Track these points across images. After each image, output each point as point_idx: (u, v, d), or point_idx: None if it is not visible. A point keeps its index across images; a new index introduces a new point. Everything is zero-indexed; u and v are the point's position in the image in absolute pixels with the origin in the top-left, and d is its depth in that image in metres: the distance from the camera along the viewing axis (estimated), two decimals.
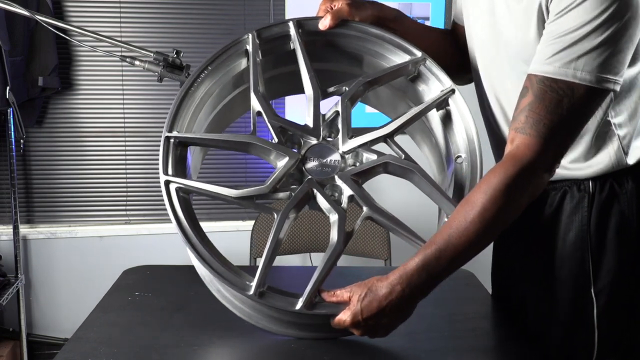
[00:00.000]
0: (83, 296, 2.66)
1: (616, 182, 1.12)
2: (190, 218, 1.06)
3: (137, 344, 1.10)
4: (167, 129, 1.10)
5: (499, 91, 1.18)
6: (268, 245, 1.05)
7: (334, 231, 1.07)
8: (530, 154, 1.00)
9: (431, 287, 1.02)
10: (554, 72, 0.99)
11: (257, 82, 1.14)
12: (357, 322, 1.01)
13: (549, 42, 1.00)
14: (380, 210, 1.09)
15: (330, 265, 1.05)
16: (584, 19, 0.96)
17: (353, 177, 1.11)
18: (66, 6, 2.69)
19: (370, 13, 1.21)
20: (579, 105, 1.00)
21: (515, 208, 1.03)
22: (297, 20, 1.19)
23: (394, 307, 1.00)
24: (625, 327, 1.15)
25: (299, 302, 1.02)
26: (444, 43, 1.33)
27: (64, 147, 2.80)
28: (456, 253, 1.00)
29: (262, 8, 2.82)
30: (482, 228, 0.99)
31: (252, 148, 1.12)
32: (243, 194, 1.07)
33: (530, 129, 1.00)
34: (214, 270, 1.02)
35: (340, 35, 1.20)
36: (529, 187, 1.02)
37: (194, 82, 1.14)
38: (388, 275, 1.01)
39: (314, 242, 2.46)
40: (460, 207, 1.02)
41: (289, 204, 1.07)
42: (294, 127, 1.13)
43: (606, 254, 1.12)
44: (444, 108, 1.19)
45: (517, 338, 1.19)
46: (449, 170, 1.19)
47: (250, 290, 1.02)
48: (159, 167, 1.08)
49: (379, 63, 1.23)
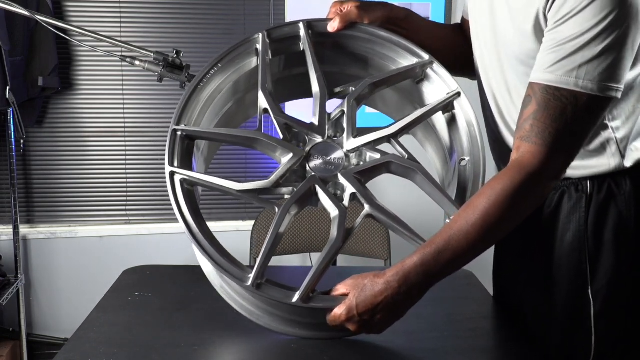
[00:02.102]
0: (83, 296, 2.66)
1: (614, 182, 1.12)
2: (193, 210, 1.07)
3: (137, 344, 1.10)
4: (174, 122, 1.11)
5: (496, 92, 1.18)
6: (268, 238, 1.05)
7: (334, 227, 1.07)
8: (536, 163, 1.00)
9: (428, 286, 1.02)
10: (556, 80, 0.99)
11: (265, 80, 1.15)
12: (352, 316, 1.01)
13: (549, 50, 1.00)
14: (382, 209, 1.09)
15: (328, 261, 1.05)
16: (584, 27, 0.96)
17: (356, 175, 1.11)
18: (66, 6, 2.69)
19: (380, 14, 1.21)
20: (583, 113, 0.99)
21: (517, 215, 1.03)
22: (308, 21, 1.20)
23: (389, 304, 1.00)
24: (623, 328, 1.15)
25: (295, 295, 1.02)
26: (455, 38, 1.33)
27: (64, 147, 2.80)
28: (455, 255, 1.00)
29: (262, 8, 2.82)
30: (483, 233, 0.99)
31: (258, 144, 1.13)
32: (246, 187, 1.08)
33: (536, 138, 1.00)
34: (214, 262, 1.03)
35: (349, 37, 1.21)
36: (533, 195, 1.02)
37: (204, 78, 1.15)
38: (385, 271, 1.01)
39: (314, 242, 2.46)
40: (462, 210, 1.02)
41: (290, 199, 1.08)
42: (300, 125, 1.14)
43: (603, 254, 1.12)
44: (450, 111, 1.20)
45: (517, 338, 1.19)
46: (451, 171, 1.20)
47: (248, 281, 1.02)
48: (165, 158, 1.08)
49: (386, 65, 1.24)
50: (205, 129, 1.16)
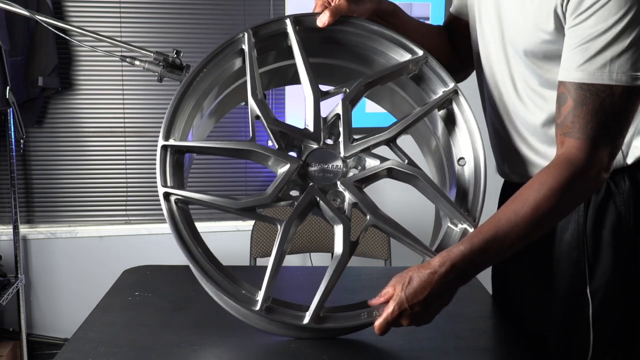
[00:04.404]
0: (83, 296, 2.67)
1: (613, 182, 1.12)
2: (191, 230, 1.05)
3: (137, 344, 1.10)
4: (163, 137, 1.06)
5: (501, 87, 1.17)
6: (272, 258, 1.04)
7: (338, 242, 1.06)
8: (582, 156, 1.00)
9: (473, 274, 1.03)
10: (589, 78, 0.99)
11: (254, 86, 1.11)
12: (404, 310, 1.01)
13: (576, 47, 0.99)
14: (385, 218, 1.08)
15: (336, 278, 1.05)
16: (609, 22, 0.96)
17: (356, 184, 1.10)
18: (66, 6, 2.69)
19: (368, 7, 1.19)
20: (621, 104, 0.99)
21: (566, 209, 1.04)
22: (295, 16, 1.15)
23: (437, 292, 1.00)
24: (620, 328, 1.15)
25: (306, 317, 1.02)
26: (437, 39, 1.32)
27: (64, 147, 2.80)
28: (502, 246, 1.00)
29: (262, 8, 2.82)
30: (532, 225, 1.00)
31: (252, 155, 1.10)
32: (244, 204, 1.05)
33: (579, 133, 1.00)
34: (220, 287, 1.02)
35: (340, 32, 1.17)
36: (582, 188, 1.02)
37: (189, 87, 1.10)
38: (430, 261, 1.02)
39: (314, 242, 2.46)
40: (510, 202, 1.02)
41: (292, 215, 1.06)
42: (294, 132, 1.11)
43: (602, 254, 1.12)
44: (446, 108, 1.18)
45: (517, 338, 1.19)
46: (450, 172, 1.19)
47: (257, 305, 1.01)
48: (157, 179, 1.05)
49: (379, 60, 1.21)
50: (197, 142, 1.11)
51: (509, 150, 1.20)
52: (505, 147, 1.21)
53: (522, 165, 1.18)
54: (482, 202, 1.10)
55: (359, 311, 1.06)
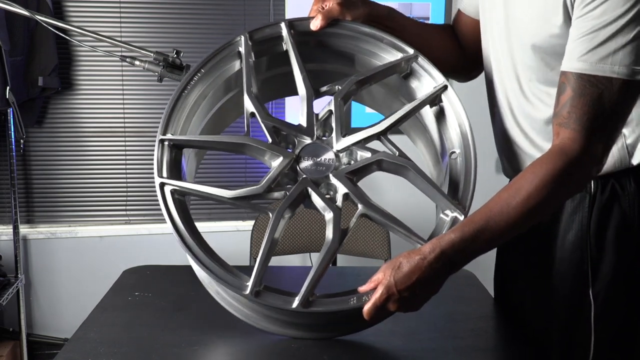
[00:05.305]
0: (83, 296, 2.66)
1: (618, 183, 1.12)
2: (186, 220, 1.07)
3: (137, 344, 1.10)
4: (161, 132, 1.11)
5: (507, 83, 1.17)
6: (263, 245, 1.05)
7: (329, 229, 1.07)
8: (577, 148, 1.00)
9: (463, 263, 1.02)
10: (590, 68, 0.99)
11: (250, 83, 1.15)
12: (392, 294, 1.00)
13: (581, 37, 1.00)
14: (375, 208, 1.09)
15: (326, 263, 1.05)
16: (615, 13, 0.96)
17: (347, 175, 1.11)
18: (66, 6, 2.69)
19: (362, 11, 1.21)
20: (620, 98, 1.00)
21: (558, 200, 1.04)
22: (289, 21, 1.19)
23: (426, 279, 1.00)
24: (622, 330, 1.15)
25: (295, 301, 1.02)
26: (438, 38, 1.32)
27: (64, 147, 2.80)
28: (493, 235, 1.00)
29: (262, 8, 2.82)
30: (523, 215, 1.00)
31: (246, 149, 1.12)
32: (238, 194, 1.07)
33: (575, 124, 1.00)
34: (210, 271, 1.03)
35: (332, 35, 1.20)
36: (575, 180, 1.02)
37: (187, 85, 1.14)
38: (420, 247, 1.01)
39: (313, 242, 2.46)
40: (502, 192, 1.02)
41: (283, 204, 1.07)
42: (288, 127, 1.14)
43: (605, 255, 1.12)
44: (438, 104, 1.19)
45: (517, 338, 1.19)
46: (443, 166, 1.19)
47: (247, 289, 1.02)
48: (154, 170, 1.09)
49: (371, 61, 1.24)
50: (193, 136, 1.15)
51: (512, 148, 1.20)
52: (509, 144, 1.21)
53: (525, 164, 1.18)
54: (473, 192, 1.10)
55: (348, 297, 1.06)
